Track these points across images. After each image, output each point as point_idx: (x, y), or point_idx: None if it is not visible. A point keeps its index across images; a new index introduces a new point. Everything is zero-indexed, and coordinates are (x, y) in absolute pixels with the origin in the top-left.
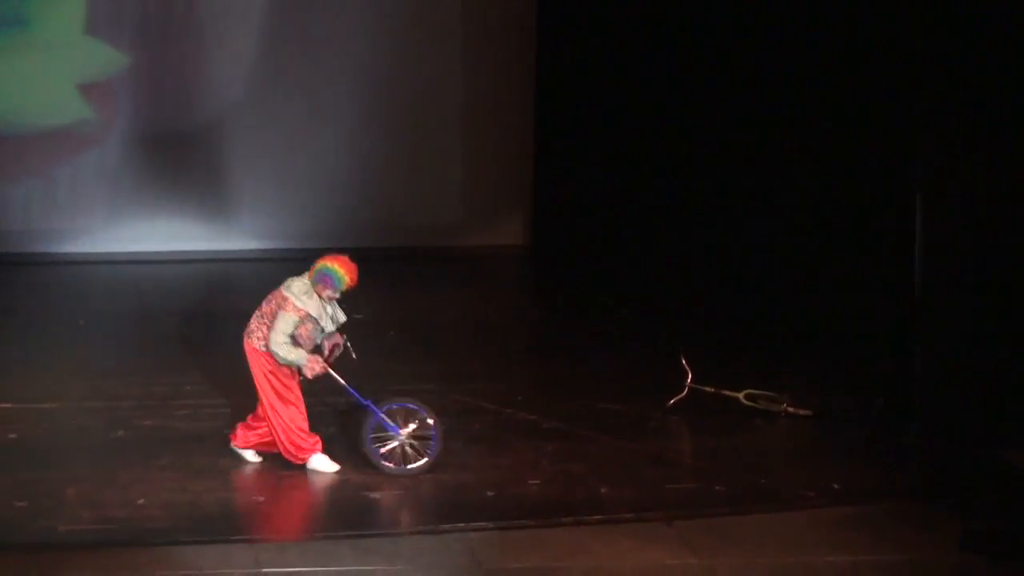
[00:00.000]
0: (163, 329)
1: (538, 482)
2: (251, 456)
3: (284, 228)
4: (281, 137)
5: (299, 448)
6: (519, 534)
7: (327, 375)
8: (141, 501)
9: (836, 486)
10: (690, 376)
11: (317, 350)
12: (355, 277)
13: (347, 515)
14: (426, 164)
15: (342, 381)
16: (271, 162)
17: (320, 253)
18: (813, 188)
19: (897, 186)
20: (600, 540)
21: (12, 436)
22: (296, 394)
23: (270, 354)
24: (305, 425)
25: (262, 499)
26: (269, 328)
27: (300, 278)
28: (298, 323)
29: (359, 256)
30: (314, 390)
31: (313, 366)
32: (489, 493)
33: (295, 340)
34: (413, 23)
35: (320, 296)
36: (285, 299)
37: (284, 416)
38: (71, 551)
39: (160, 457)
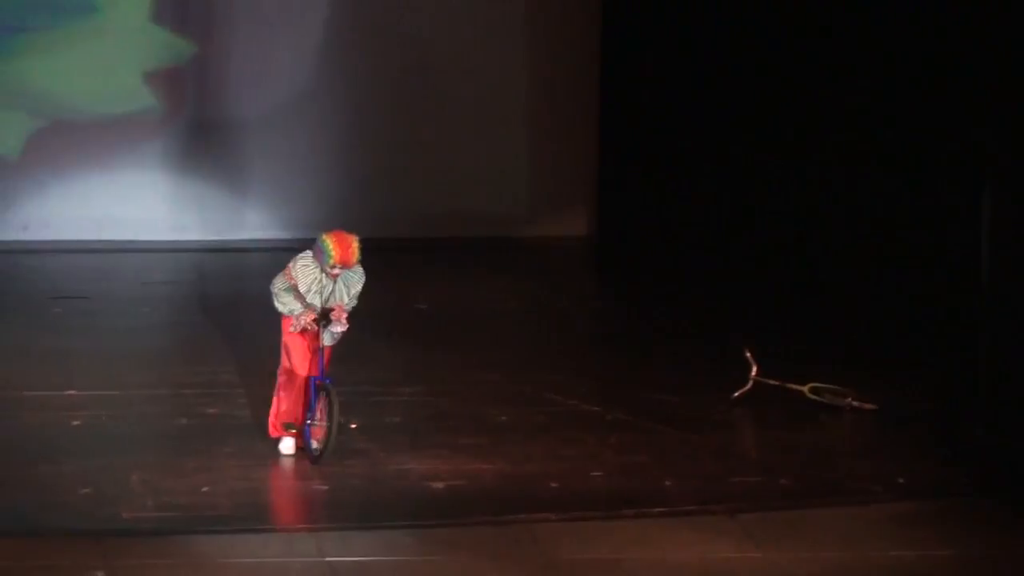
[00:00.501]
0: (226, 317)
1: (601, 474)
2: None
3: (349, 218)
4: (346, 127)
5: (272, 424)
6: (582, 525)
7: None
8: (205, 489)
9: (901, 481)
10: (755, 369)
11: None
12: (345, 255)
13: (410, 505)
14: (491, 154)
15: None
16: (336, 152)
17: (385, 243)
18: (881, 182)
19: (965, 180)
20: (663, 532)
21: (76, 423)
22: (299, 373)
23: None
24: (293, 406)
25: (325, 488)
26: None
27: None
28: (287, 287)
29: (424, 246)
30: (381, 379)
31: (298, 321)
32: (552, 484)
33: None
34: (478, 12)
35: (324, 270)
36: (289, 264)
37: (280, 387)
38: (135, 538)
39: (224, 445)
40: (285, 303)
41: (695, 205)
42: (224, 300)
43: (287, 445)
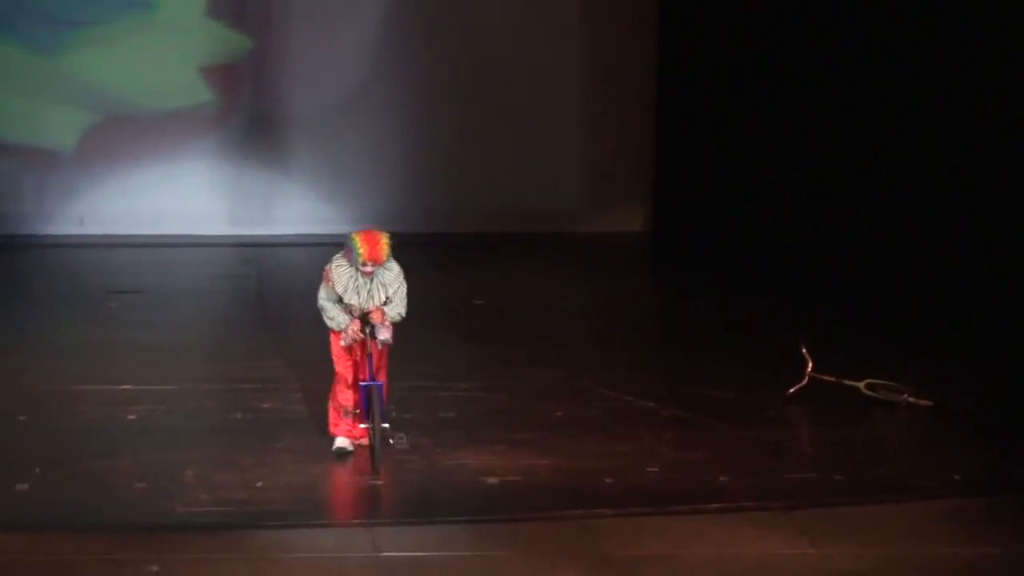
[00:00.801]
0: (282, 311)
1: (657, 469)
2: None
3: (404, 213)
4: (401, 122)
5: (332, 422)
6: (638, 521)
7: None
8: (260, 483)
9: (957, 477)
10: (811, 365)
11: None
12: (374, 251)
13: (465, 500)
14: (547, 150)
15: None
16: (391, 147)
17: (440, 238)
18: (939, 177)
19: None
20: (719, 528)
21: (132, 417)
22: (350, 369)
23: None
24: (349, 403)
25: (380, 483)
26: None
27: None
28: (331, 298)
29: (479, 242)
30: (437, 375)
31: (347, 335)
32: (608, 480)
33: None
34: (533, 7)
35: (357, 268)
36: (326, 268)
37: (334, 386)
38: (189, 532)
39: (279, 440)
40: (332, 318)
41: (751, 201)
42: (279, 294)
43: (342, 442)
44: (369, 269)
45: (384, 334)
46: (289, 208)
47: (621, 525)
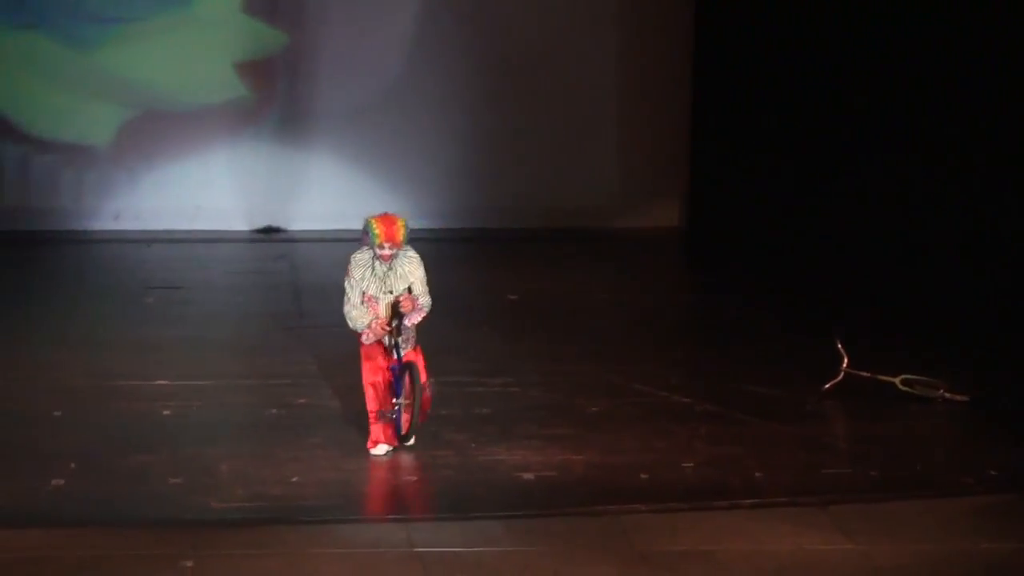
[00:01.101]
0: (317, 306)
1: (692, 465)
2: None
3: (438, 208)
4: (436, 118)
5: (371, 438)
6: (673, 517)
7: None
8: (295, 479)
9: (993, 472)
10: (846, 360)
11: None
12: (390, 231)
13: (500, 495)
14: (581, 145)
15: (393, 341)
16: (425, 143)
17: (475, 234)
18: (978, 173)
19: None
20: (755, 524)
21: (167, 413)
22: (375, 374)
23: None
24: (374, 410)
25: (415, 478)
26: None
27: None
28: (354, 284)
29: (514, 237)
30: (472, 370)
31: (369, 333)
32: (643, 475)
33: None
34: (568, 3)
35: (376, 254)
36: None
37: (367, 399)
38: (224, 528)
39: (314, 435)
40: (355, 318)
41: (786, 196)
42: (315, 289)
43: (379, 450)
44: (387, 252)
45: (417, 316)
46: (323, 203)
47: (656, 521)
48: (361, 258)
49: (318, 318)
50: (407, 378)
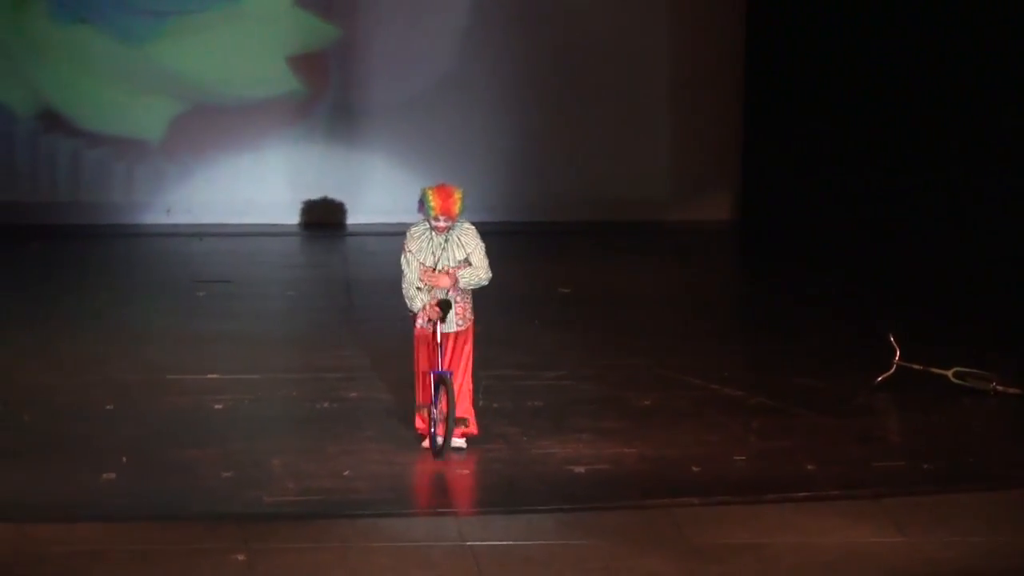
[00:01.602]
0: (368, 300)
1: (744, 458)
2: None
3: (491, 202)
4: (487, 112)
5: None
6: (725, 510)
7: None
8: (346, 473)
9: None
10: (898, 353)
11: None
12: (446, 204)
13: (551, 489)
14: (633, 138)
15: (438, 339)
16: (477, 137)
17: (529, 227)
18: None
19: None
20: (807, 517)
21: (218, 407)
22: (423, 364)
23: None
24: (419, 398)
25: (467, 472)
26: None
27: None
28: (410, 259)
29: (567, 230)
30: (524, 364)
31: (423, 316)
32: (695, 468)
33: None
34: None
35: (431, 226)
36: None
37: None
38: (276, 522)
39: (365, 429)
40: (412, 297)
41: (838, 188)
42: (366, 283)
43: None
44: (442, 224)
45: (450, 293)
46: (375, 197)
47: (708, 514)
48: (417, 230)
49: (370, 312)
50: (443, 393)
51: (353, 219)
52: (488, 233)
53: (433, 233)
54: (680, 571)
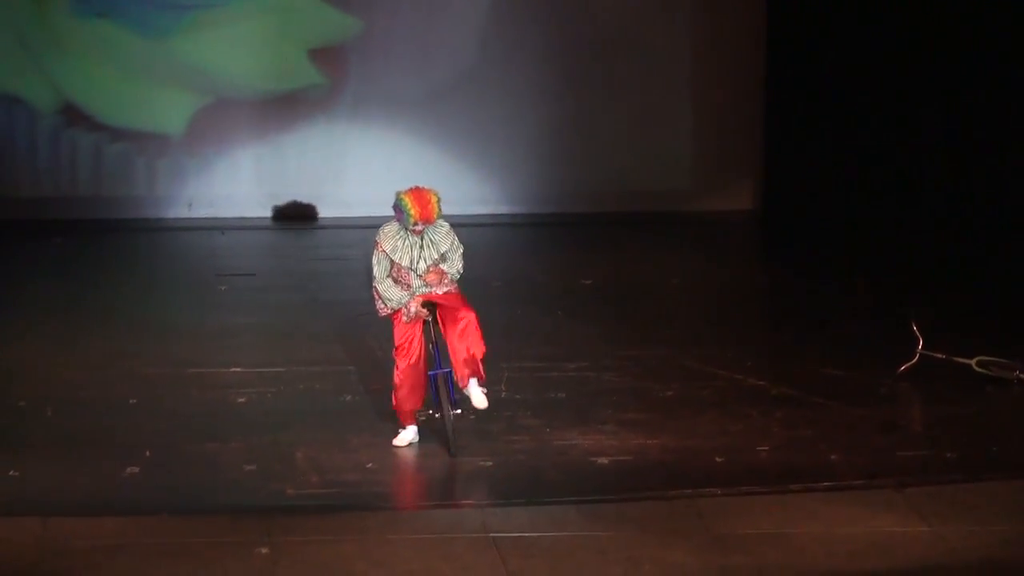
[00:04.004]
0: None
1: (767, 448)
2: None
3: (512, 194)
4: (509, 104)
5: (396, 406)
6: (748, 500)
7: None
8: (370, 465)
9: None
10: (921, 343)
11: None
12: (425, 211)
13: (574, 480)
14: (654, 129)
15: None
16: (499, 128)
17: (549, 218)
18: None
19: None
20: (830, 506)
21: (241, 400)
22: (408, 353)
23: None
24: (410, 392)
25: (490, 463)
26: None
27: None
28: (382, 258)
29: (589, 221)
30: (546, 355)
31: (408, 311)
32: (718, 459)
33: (397, 281)
34: None
35: (408, 230)
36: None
37: (396, 371)
38: (300, 515)
39: (389, 422)
40: (390, 298)
41: (860, 178)
42: None
43: (404, 436)
44: (420, 228)
45: (441, 290)
46: (397, 189)
47: (731, 504)
48: (390, 230)
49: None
50: (443, 392)
51: (375, 212)
52: (509, 225)
53: (408, 233)
54: (703, 562)
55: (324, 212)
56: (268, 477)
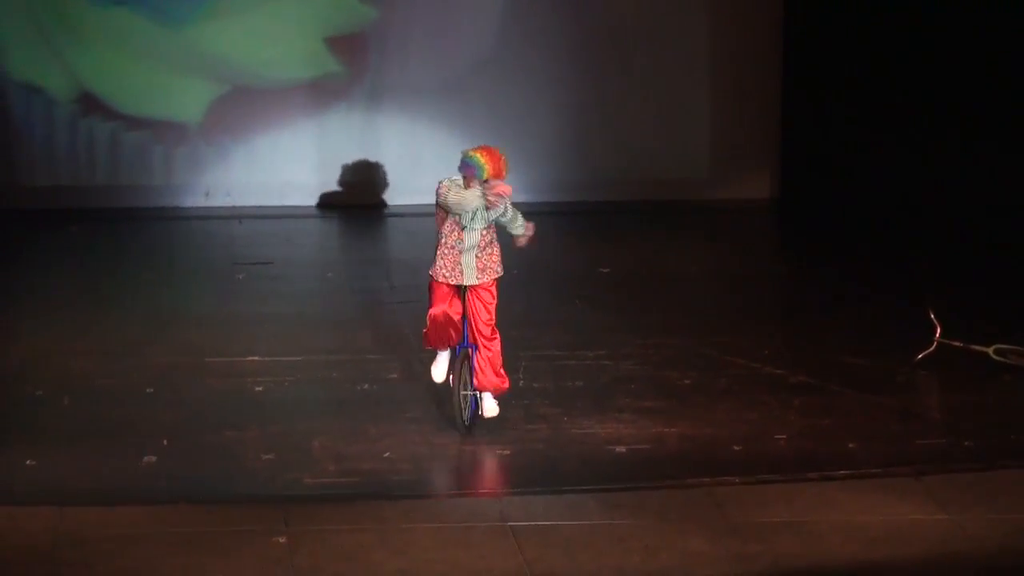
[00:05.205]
0: (407, 281)
1: (785, 436)
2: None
3: (529, 182)
4: (526, 93)
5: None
6: (766, 488)
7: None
8: (387, 454)
9: None
10: (939, 331)
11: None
12: (498, 166)
13: (592, 468)
14: (673, 117)
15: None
16: (517, 116)
17: (568, 207)
18: None
19: None
20: (848, 495)
21: (259, 389)
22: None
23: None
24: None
25: (508, 452)
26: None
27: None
28: (440, 198)
29: (606, 210)
30: (564, 343)
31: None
32: (736, 447)
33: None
34: None
35: (471, 187)
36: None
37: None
38: (317, 503)
39: (406, 410)
40: (457, 202)
41: (878, 166)
42: (405, 265)
43: (439, 369)
44: (492, 196)
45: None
46: (414, 178)
47: (749, 492)
48: (450, 183)
49: (410, 293)
50: (465, 366)
51: (392, 200)
52: (528, 213)
53: (470, 193)
54: (721, 550)
55: (340, 200)
56: (285, 466)
